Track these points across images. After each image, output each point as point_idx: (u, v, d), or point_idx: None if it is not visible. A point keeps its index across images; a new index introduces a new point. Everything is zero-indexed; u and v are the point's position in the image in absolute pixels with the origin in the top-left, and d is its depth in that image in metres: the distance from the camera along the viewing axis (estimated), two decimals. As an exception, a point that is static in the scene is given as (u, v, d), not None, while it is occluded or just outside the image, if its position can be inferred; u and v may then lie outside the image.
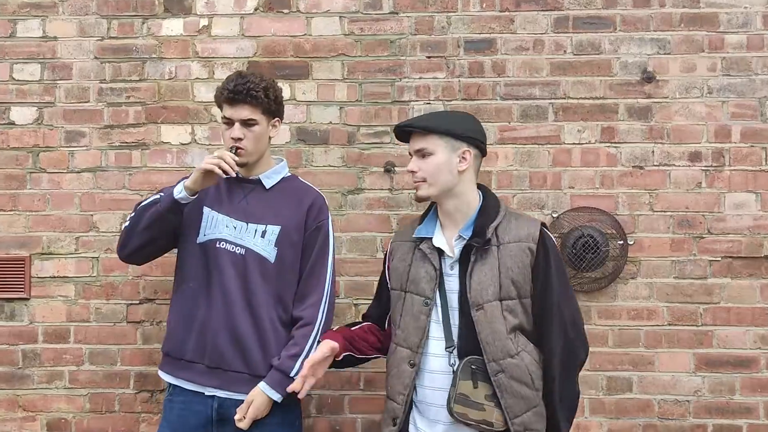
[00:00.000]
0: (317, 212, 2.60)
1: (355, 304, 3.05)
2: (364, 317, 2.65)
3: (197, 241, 2.57)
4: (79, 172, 3.11)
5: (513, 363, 2.27)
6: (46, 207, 3.11)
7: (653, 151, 3.02)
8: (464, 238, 2.35)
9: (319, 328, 2.51)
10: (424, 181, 2.37)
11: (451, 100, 3.07)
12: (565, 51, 3.06)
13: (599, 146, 3.03)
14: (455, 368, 2.28)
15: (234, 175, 2.42)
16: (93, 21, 3.14)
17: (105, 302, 3.08)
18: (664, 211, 3.01)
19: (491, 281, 2.31)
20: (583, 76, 3.04)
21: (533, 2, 3.07)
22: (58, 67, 3.13)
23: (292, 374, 2.44)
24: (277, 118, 2.61)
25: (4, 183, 3.11)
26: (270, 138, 2.61)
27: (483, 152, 2.45)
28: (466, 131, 2.38)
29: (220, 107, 2.57)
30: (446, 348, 2.31)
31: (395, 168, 3.05)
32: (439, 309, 2.35)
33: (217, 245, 2.54)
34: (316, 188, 2.70)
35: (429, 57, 3.08)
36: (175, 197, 2.44)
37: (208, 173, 2.41)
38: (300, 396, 2.40)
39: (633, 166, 3.02)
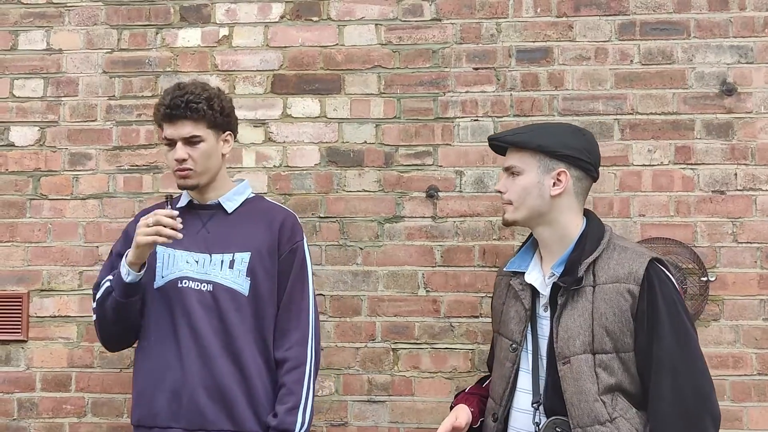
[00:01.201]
0: (290, 233, 2.34)
1: (394, 349, 2.74)
2: (488, 367, 2.35)
3: (155, 287, 2.29)
4: (84, 199, 2.86)
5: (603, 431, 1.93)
6: (46, 238, 2.86)
7: (736, 174, 2.70)
8: (556, 275, 2.06)
9: (311, 369, 2.27)
10: (510, 203, 2.12)
11: (501, 117, 2.77)
12: (631, 60, 2.76)
13: (673, 168, 2.72)
14: (539, 428, 1.99)
15: (180, 237, 2.17)
16: (102, 31, 2.91)
17: (111, 345, 2.75)
18: (750, 243, 2.68)
19: (581, 329, 1.98)
20: (653, 88, 2.75)
21: (595, 6, 2.79)
22: (63, 83, 2.91)
23: (296, 430, 2.20)
24: (228, 132, 2.37)
25: (1, 211, 2.88)
26: (223, 155, 2.36)
27: (590, 174, 2.13)
28: (565, 148, 2.06)
29: (160, 126, 2.32)
30: (533, 403, 2.02)
31: (439, 193, 2.76)
32: (530, 356, 2.07)
33: (180, 284, 2.26)
34: (285, 207, 2.48)
35: (476, 68, 2.80)
36: (126, 282, 2.20)
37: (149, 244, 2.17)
38: None
39: (713, 191, 2.71)
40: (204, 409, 2.19)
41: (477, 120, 2.77)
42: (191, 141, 2.26)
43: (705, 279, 2.62)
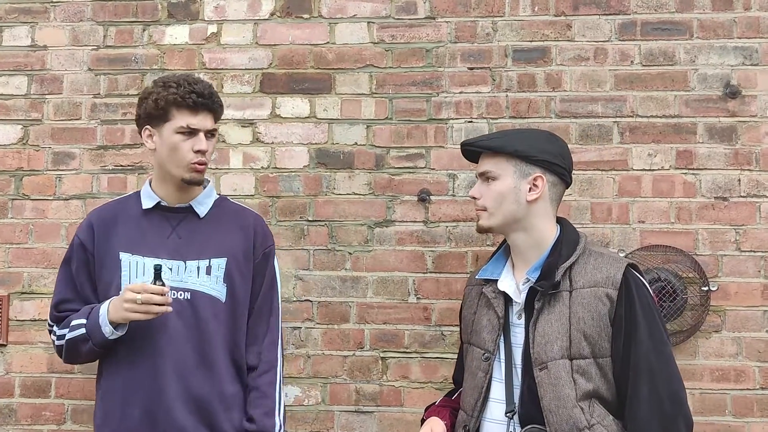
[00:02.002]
0: (263, 237, 2.30)
1: (383, 358, 2.65)
2: (454, 381, 2.32)
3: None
4: (67, 199, 2.78)
5: None
6: (28, 239, 2.78)
7: (739, 180, 2.61)
8: (531, 281, 2.02)
9: (281, 372, 2.25)
10: (485, 209, 2.08)
11: (497, 118, 2.68)
12: (632, 61, 2.67)
13: (674, 173, 2.63)
14: None
15: (170, 310, 2.06)
16: (87, 28, 2.84)
17: (92, 350, 2.67)
18: (754, 251, 2.58)
19: (559, 334, 1.95)
20: (654, 90, 2.65)
21: (594, 5, 2.70)
22: (47, 80, 2.83)
23: None
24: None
25: (-19, 211, 2.81)
26: None
27: (564, 179, 2.10)
28: (541, 153, 2.04)
29: (163, 114, 2.15)
30: (506, 413, 1.98)
31: (431, 196, 2.66)
32: (503, 365, 2.03)
33: None
34: (250, 208, 2.41)
35: (471, 68, 2.71)
36: (108, 338, 2.10)
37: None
38: None
39: (715, 197, 2.61)
40: (183, 423, 2.11)
41: (471, 122, 2.68)
42: (211, 135, 2.20)
43: (706, 289, 2.53)
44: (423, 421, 2.16)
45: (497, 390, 2.02)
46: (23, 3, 2.84)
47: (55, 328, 2.24)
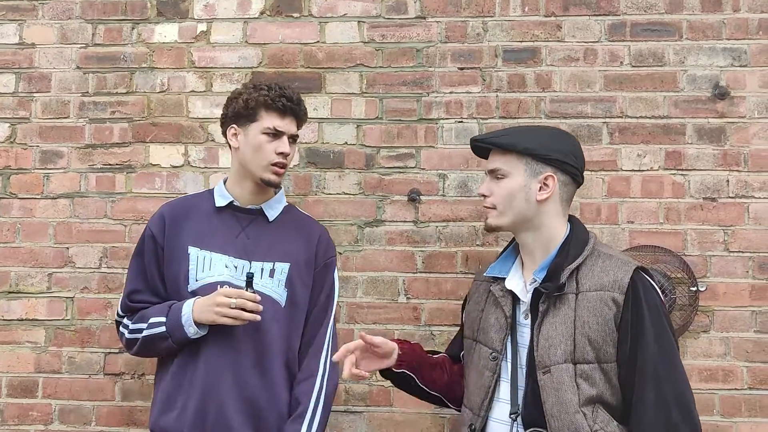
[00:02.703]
0: (326, 248, 2.34)
1: (372, 358, 2.59)
2: (446, 352, 2.28)
3: (188, 289, 2.21)
4: (54, 198, 2.76)
5: None
6: (15, 238, 2.76)
7: (728, 180, 2.61)
8: (538, 281, 1.98)
9: (322, 381, 2.23)
10: (494, 208, 2.03)
11: (487, 119, 2.68)
12: (621, 62, 2.67)
13: (663, 174, 2.63)
14: None
15: (258, 319, 2.11)
16: (76, 26, 2.81)
17: (80, 350, 2.71)
18: (742, 252, 2.59)
19: (563, 338, 1.91)
20: (644, 91, 2.65)
21: (584, 5, 2.70)
22: (35, 78, 2.81)
23: None
24: None
25: (-32, 210, 2.79)
26: None
27: (576, 179, 2.05)
28: (552, 151, 1.99)
29: (252, 114, 2.22)
30: (510, 414, 1.95)
31: (421, 196, 2.66)
32: (509, 365, 1.99)
33: (219, 290, 2.17)
34: (316, 220, 2.45)
35: (461, 68, 2.71)
36: (191, 338, 2.15)
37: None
38: (344, 374, 1.99)
39: (704, 198, 2.61)
40: (231, 422, 2.13)
41: (461, 122, 2.68)
42: (294, 139, 2.27)
43: (695, 289, 2.53)
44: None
45: (504, 390, 1.99)
46: (11, 0, 2.82)
47: (126, 320, 2.27)
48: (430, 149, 2.68)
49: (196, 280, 2.22)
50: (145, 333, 2.20)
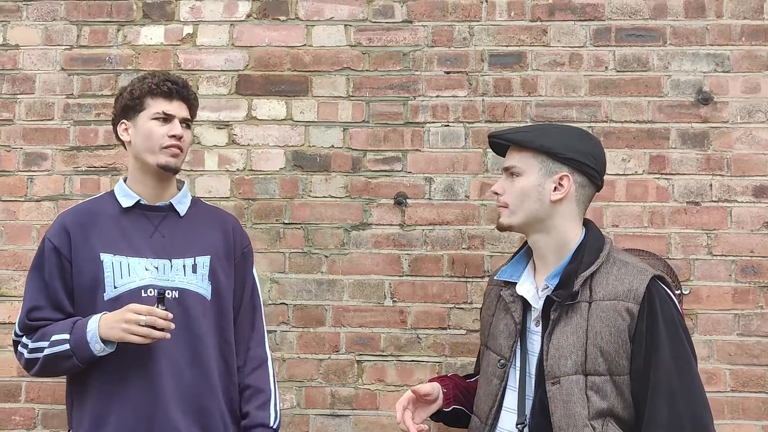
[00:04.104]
0: (241, 236, 2.31)
1: (359, 362, 2.63)
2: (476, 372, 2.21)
3: (105, 298, 2.09)
4: (38, 201, 2.74)
5: None
6: (-2, 241, 2.74)
7: (711, 185, 2.64)
8: (550, 288, 1.89)
9: (272, 367, 2.26)
10: (506, 206, 1.95)
11: (473, 122, 2.68)
12: (606, 67, 2.69)
13: (647, 178, 2.65)
14: None
15: (169, 336, 2.01)
16: (61, 27, 2.79)
17: (63, 354, 2.63)
18: (725, 256, 2.61)
19: (574, 348, 1.82)
20: (628, 96, 2.68)
21: (569, 11, 2.71)
22: (19, 80, 2.79)
23: (271, 424, 2.17)
24: None
25: (-50, 212, 2.75)
26: None
27: (594, 181, 1.95)
28: (570, 151, 1.90)
29: (139, 103, 2.16)
30: (517, 424, 1.87)
31: (407, 200, 2.66)
32: (518, 373, 1.91)
33: (144, 294, 2.09)
34: (224, 210, 2.42)
35: (448, 72, 2.72)
36: (97, 355, 2.02)
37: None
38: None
39: (687, 202, 2.63)
40: (178, 423, 2.07)
41: (448, 125, 2.69)
42: (186, 123, 2.21)
43: (679, 292, 2.55)
44: None
45: (510, 399, 1.92)
46: (-5, 1, 2.80)
47: (24, 339, 2.13)
48: (416, 153, 2.69)
49: (115, 287, 2.10)
50: (46, 352, 2.06)
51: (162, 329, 1.98)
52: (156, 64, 2.75)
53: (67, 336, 2.03)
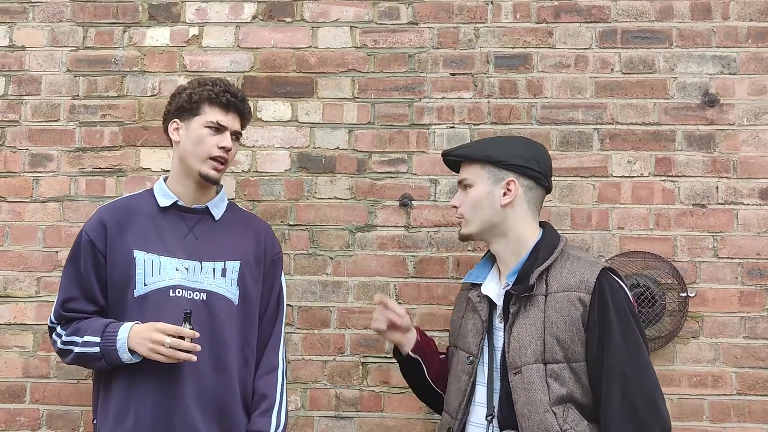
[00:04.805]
0: (272, 243, 2.35)
1: (363, 363, 2.62)
2: None
3: (135, 295, 2.14)
4: (44, 202, 2.74)
5: None
6: (4, 242, 2.74)
7: (717, 187, 2.62)
8: (510, 284, 2.04)
9: (283, 374, 2.26)
10: (463, 217, 2.12)
11: (478, 124, 2.68)
12: (612, 69, 2.68)
13: (653, 180, 2.64)
14: None
15: (195, 359, 2.04)
16: (67, 29, 2.80)
17: (68, 355, 2.63)
18: (731, 258, 2.60)
19: (532, 339, 1.95)
20: (634, 98, 2.67)
21: (575, 12, 2.71)
22: (25, 81, 2.79)
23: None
24: None
25: (-44, 213, 2.76)
26: None
27: (542, 183, 2.11)
28: (513, 157, 2.06)
29: (195, 107, 2.20)
30: (486, 416, 1.99)
31: (412, 201, 2.66)
32: (486, 369, 2.05)
33: (172, 294, 2.14)
34: (259, 216, 2.50)
35: (453, 74, 2.71)
36: (124, 362, 2.09)
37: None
38: (373, 325, 2.17)
39: (693, 204, 2.62)
40: (197, 424, 2.10)
41: (453, 127, 2.69)
42: (236, 136, 2.25)
43: (684, 295, 2.54)
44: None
45: (480, 393, 2.04)
46: (1, 3, 2.80)
47: (59, 329, 2.21)
48: (421, 154, 2.68)
49: (145, 285, 2.15)
50: (78, 350, 2.14)
51: (188, 351, 2.02)
52: (162, 66, 2.75)
53: (98, 339, 2.09)
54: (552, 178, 2.15)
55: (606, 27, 2.69)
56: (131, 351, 2.05)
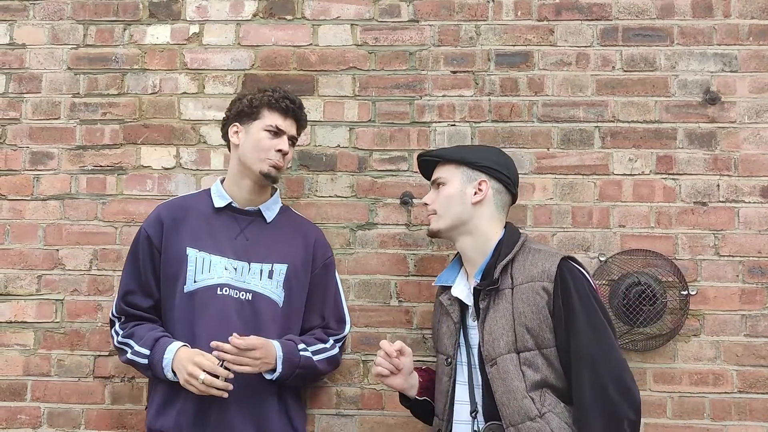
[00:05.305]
0: (323, 249, 2.44)
1: (364, 361, 2.62)
2: None
3: (185, 291, 2.24)
4: (44, 200, 2.74)
5: (534, 427, 1.96)
6: (4, 240, 2.73)
7: (718, 185, 2.62)
8: (477, 282, 2.13)
9: (327, 355, 2.37)
10: (435, 213, 2.21)
11: (479, 122, 2.67)
12: (613, 67, 2.68)
13: (654, 178, 2.63)
14: None
15: (227, 396, 2.13)
16: (67, 26, 2.79)
17: (69, 353, 2.68)
18: (732, 256, 2.59)
19: (504, 330, 2.05)
20: (635, 95, 2.66)
21: (576, 10, 2.70)
22: (26, 79, 2.79)
23: (299, 348, 2.27)
24: None
25: (-43, 211, 2.75)
26: None
27: (509, 189, 2.22)
28: (484, 160, 2.19)
29: (256, 112, 2.30)
30: (470, 413, 2.07)
31: (413, 200, 2.65)
32: (465, 368, 2.13)
33: (219, 292, 2.23)
34: (310, 221, 2.56)
35: (454, 72, 2.71)
36: (169, 379, 2.21)
37: None
38: (375, 371, 2.15)
39: (695, 202, 2.62)
40: (233, 420, 2.17)
41: (454, 125, 2.68)
42: (293, 141, 2.35)
43: (685, 293, 2.54)
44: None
45: (461, 392, 2.11)
46: (1, 1, 2.79)
47: (118, 326, 2.32)
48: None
49: (195, 282, 2.24)
50: (129, 357, 2.27)
51: (221, 389, 2.10)
52: (162, 64, 2.75)
53: (147, 352, 2.20)
54: (517, 189, 2.26)
55: (607, 25, 2.68)
56: (173, 371, 2.15)
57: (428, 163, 2.30)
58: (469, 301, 2.14)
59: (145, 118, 2.74)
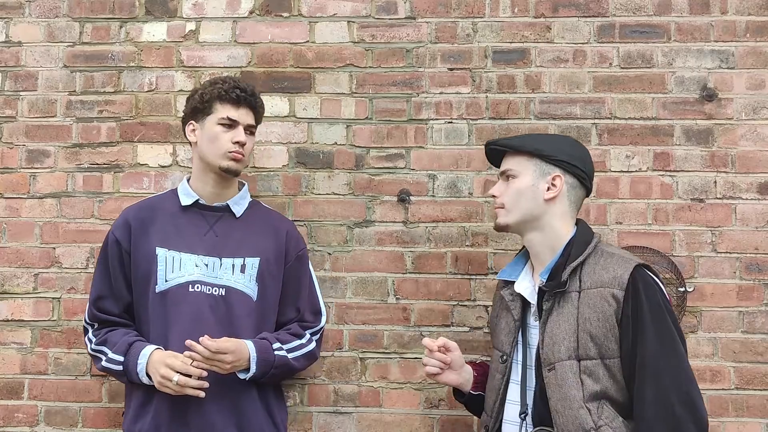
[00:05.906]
0: (296, 241, 2.41)
1: (362, 359, 2.62)
2: None
3: (156, 290, 2.22)
4: (41, 198, 2.73)
5: None
6: (1, 238, 2.73)
7: (715, 182, 2.62)
8: (543, 281, 2.03)
9: (311, 343, 2.37)
10: (503, 207, 2.09)
11: (476, 119, 2.67)
12: (610, 63, 2.68)
13: (651, 175, 2.63)
14: None
15: (203, 395, 2.12)
16: (63, 24, 2.78)
17: (66, 351, 2.67)
18: (730, 253, 2.60)
19: (566, 335, 1.94)
20: (632, 92, 2.66)
21: (573, 7, 2.70)
22: (22, 77, 2.78)
23: (273, 347, 2.25)
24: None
25: (-47, 209, 2.74)
26: None
27: (584, 184, 2.10)
28: (560, 153, 2.05)
29: (207, 107, 2.28)
30: (519, 414, 1.99)
31: (410, 197, 2.65)
32: (520, 367, 2.04)
33: (191, 289, 2.21)
34: (281, 214, 2.55)
35: (451, 69, 2.70)
36: (144, 383, 2.19)
37: None
38: (427, 371, 2.12)
39: (692, 199, 2.62)
40: (213, 420, 2.16)
41: (451, 122, 2.68)
42: (250, 130, 2.31)
43: (683, 290, 2.54)
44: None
45: (513, 391, 2.03)
46: (-3, -2, 2.79)
47: (90, 334, 2.31)
48: (419, 150, 2.68)
49: (166, 281, 2.22)
50: (104, 364, 2.25)
51: (197, 388, 2.10)
52: (159, 61, 2.74)
53: (121, 358, 2.19)
54: (592, 183, 2.14)
55: (604, 21, 2.68)
56: (148, 375, 2.15)
57: (497, 152, 2.17)
58: (532, 299, 2.04)
59: (141, 116, 2.73)
